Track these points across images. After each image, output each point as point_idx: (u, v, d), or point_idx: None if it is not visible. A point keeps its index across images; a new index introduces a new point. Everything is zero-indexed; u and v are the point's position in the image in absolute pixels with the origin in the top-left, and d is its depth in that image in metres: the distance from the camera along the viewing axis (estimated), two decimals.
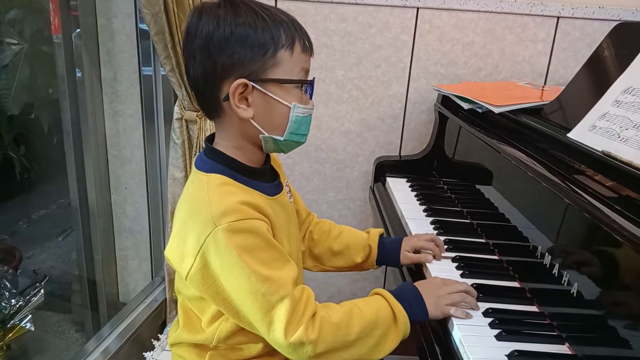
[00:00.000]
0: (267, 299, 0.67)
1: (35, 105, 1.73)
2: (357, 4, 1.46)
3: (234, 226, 0.66)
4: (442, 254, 0.93)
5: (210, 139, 0.78)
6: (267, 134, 0.73)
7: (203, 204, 0.68)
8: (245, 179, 0.73)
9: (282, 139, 0.74)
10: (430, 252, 0.93)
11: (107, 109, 1.60)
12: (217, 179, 0.71)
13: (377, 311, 0.73)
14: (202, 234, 0.67)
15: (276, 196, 0.78)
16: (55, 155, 1.73)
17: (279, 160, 0.90)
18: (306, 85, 0.74)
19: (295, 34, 0.71)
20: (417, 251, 0.94)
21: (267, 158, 0.81)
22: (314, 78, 0.76)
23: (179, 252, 0.72)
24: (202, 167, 0.74)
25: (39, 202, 2.37)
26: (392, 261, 0.95)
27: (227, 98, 0.70)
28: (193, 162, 0.78)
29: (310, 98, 0.76)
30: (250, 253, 0.67)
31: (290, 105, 0.72)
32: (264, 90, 0.70)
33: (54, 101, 1.63)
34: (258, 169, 0.78)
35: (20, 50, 1.62)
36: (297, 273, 0.71)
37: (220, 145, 0.76)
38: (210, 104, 0.73)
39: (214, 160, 0.74)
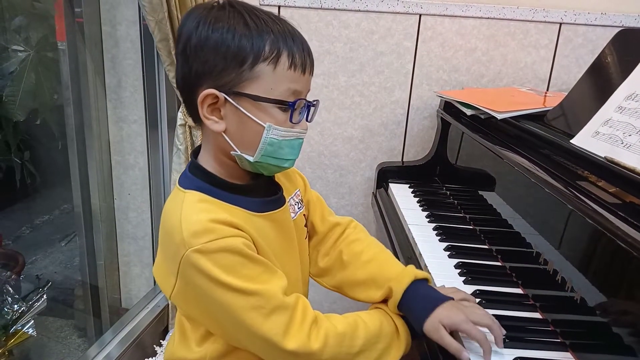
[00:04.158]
0: (258, 313, 0.63)
1: (40, 111, 1.74)
2: (359, 10, 1.47)
3: (208, 247, 0.62)
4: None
5: (197, 151, 0.74)
6: (239, 152, 0.67)
7: (176, 224, 0.64)
8: (224, 194, 0.68)
9: (252, 159, 0.67)
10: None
11: (111, 115, 1.61)
12: (193, 197, 0.67)
13: (380, 324, 0.71)
14: (176, 256, 0.63)
15: (268, 212, 0.71)
16: (59, 161, 1.74)
17: (297, 171, 0.85)
18: (303, 107, 0.68)
19: (283, 47, 0.64)
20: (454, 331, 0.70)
21: (259, 173, 0.73)
22: (297, 100, 0.66)
23: (162, 272, 0.70)
24: (183, 183, 0.70)
25: (42, 207, 2.38)
26: (416, 320, 0.71)
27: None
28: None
29: (291, 120, 0.67)
30: (231, 272, 0.63)
31: (264, 125, 0.65)
32: (236, 105, 0.64)
33: (58, 107, 1.64)
34: (241, 186, 0.71)
35: (27, 57, 1.63)
36: (286, 283, 0.67)
37: (204, 158, 0.72)
38: (190, 110, 0.70)
39: (195, 175, 0.70)
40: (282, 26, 0.66)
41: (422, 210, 1.19)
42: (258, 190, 0.73)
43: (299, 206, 0.81)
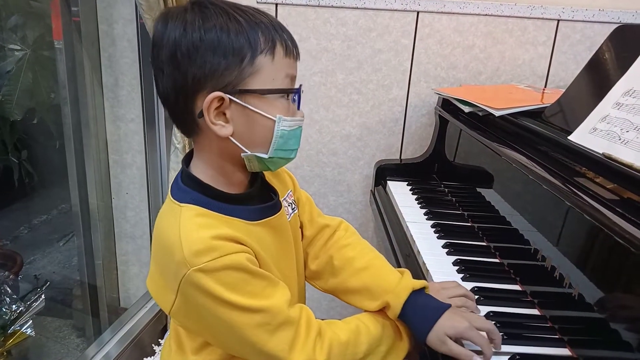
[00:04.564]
0: (263, 330, 0.62)
1: (38, 111, 1.74)
2: (357, 8, 1.47)
3: (211, 266, 0.60)
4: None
5: (188, 158, 0.71)
6: (249, 152, 0.65)
7: (175, 242, 0.61)
8: (222, 206, 0.66)
9: (266, 156, 0.66)
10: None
11: (108, 114, 1.60)
12: (190, 211, 0.64)
13: (382, 326, 0.71)
14: (177, 275, 0.61)
15: (266, 219, 0.70)
16: (57, 160, 1.74)
17: (286, 171, 0.83)
18: (292, 94, 0.67)
19: (275, 36, 0.64)
20: (458, 340, 0.68)
21: (255, 178, 0.73)
22: (300, 85, 0.68)
23: (158, 287, 0.68)
24: (177, 195, 0.67)
25: (40, 207, 2.38)
26: (418, 333, 0.71)
27: (201, 114, 0.62)
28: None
29: (298, 108, 0.68)
30: (235, 289, 0.61)
31: (274, 119, 0.64)
32: (243, 104, 0.63)
33: (55, 106, 1.64)
34: (239, 195, 0.70)
35: (24, 56, 1.63)
36: (289, 295, 0.66)
37: (198, 167, 0.69)
38: (184, 121, 0.66)
39: (189, 187, 0.67)
40: (267, 17, 0.65)
41: (421, 207, 1.19)
42: (254, 197, 0.72)
43: (293, 207, 0.80)
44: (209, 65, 0.61)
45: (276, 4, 1.48)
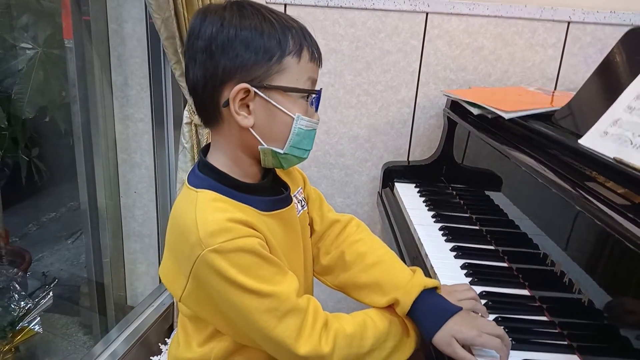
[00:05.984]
0: (272, 315, 0.64)
1: (50, 109, 1.75)
2: (366, 9, 1.46)
3: (225, 247, 0.62)
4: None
5: (205, 150, 0.75)
6: (266, 146, 0.69)
7: (191, 224, 0.64)
8: (236, 193, 0.69)
9: (282, 151, 0.69)
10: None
11: (117, 113, 1.61)
12: (206, 195, 0.67)
13: (389, 322, 0.72)
14: (191, 256, 0.64)
15: (277, 211, 0.72)
16: (66, 159, 1.75)
17: (297, 168, 0.85)
18: (312, 97, 0.70)
19: (304, 42, 0.68)
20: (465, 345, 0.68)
21: (268, 172, 0.76)
22: (321, 89, 0.72)
23: (171, 273, 0.70)
24: (194, 182, 0.70)
25: (49, 205, 2.40)
26: (425, 332, 0.71)
27: (227, 104, 0.67)
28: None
29: (316, 111, 0.72)
30: (247, 272, 0.63)
31: (293, 116, 0.68)
32: (266, 98, 0.67)
33: (66, 105, 1.65)
34: (253, 185, 0.73)
35: (35, 54, 1.64)
36: (297, 284, 0.68)
37: (215, 157, 0.72)
38: (208, 109, 0.70)
39: (206, 174, 0.70)
40: (297, 23, 0.70)
41: (428, 210, 1.18)
42: (267, 189, 0.75)
43: (302, 204, 0.82)
44: (240, 58, 0.65)
45: (285, 5, 1.48)
